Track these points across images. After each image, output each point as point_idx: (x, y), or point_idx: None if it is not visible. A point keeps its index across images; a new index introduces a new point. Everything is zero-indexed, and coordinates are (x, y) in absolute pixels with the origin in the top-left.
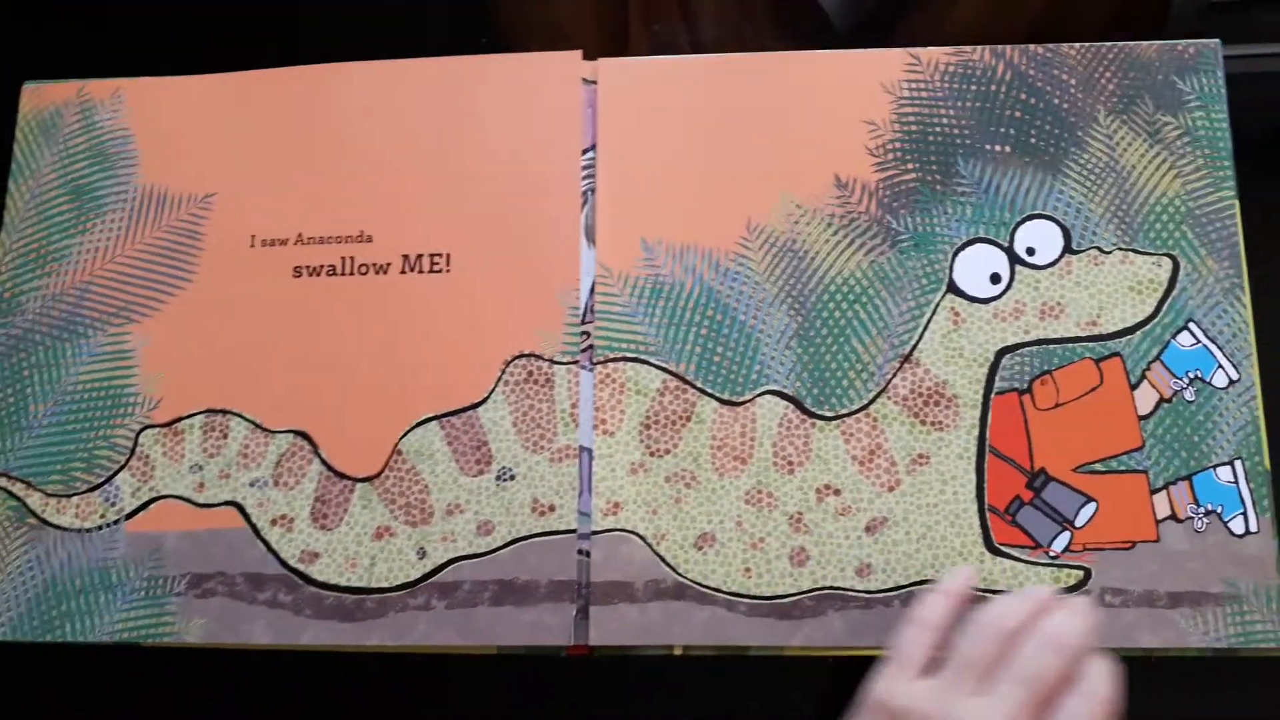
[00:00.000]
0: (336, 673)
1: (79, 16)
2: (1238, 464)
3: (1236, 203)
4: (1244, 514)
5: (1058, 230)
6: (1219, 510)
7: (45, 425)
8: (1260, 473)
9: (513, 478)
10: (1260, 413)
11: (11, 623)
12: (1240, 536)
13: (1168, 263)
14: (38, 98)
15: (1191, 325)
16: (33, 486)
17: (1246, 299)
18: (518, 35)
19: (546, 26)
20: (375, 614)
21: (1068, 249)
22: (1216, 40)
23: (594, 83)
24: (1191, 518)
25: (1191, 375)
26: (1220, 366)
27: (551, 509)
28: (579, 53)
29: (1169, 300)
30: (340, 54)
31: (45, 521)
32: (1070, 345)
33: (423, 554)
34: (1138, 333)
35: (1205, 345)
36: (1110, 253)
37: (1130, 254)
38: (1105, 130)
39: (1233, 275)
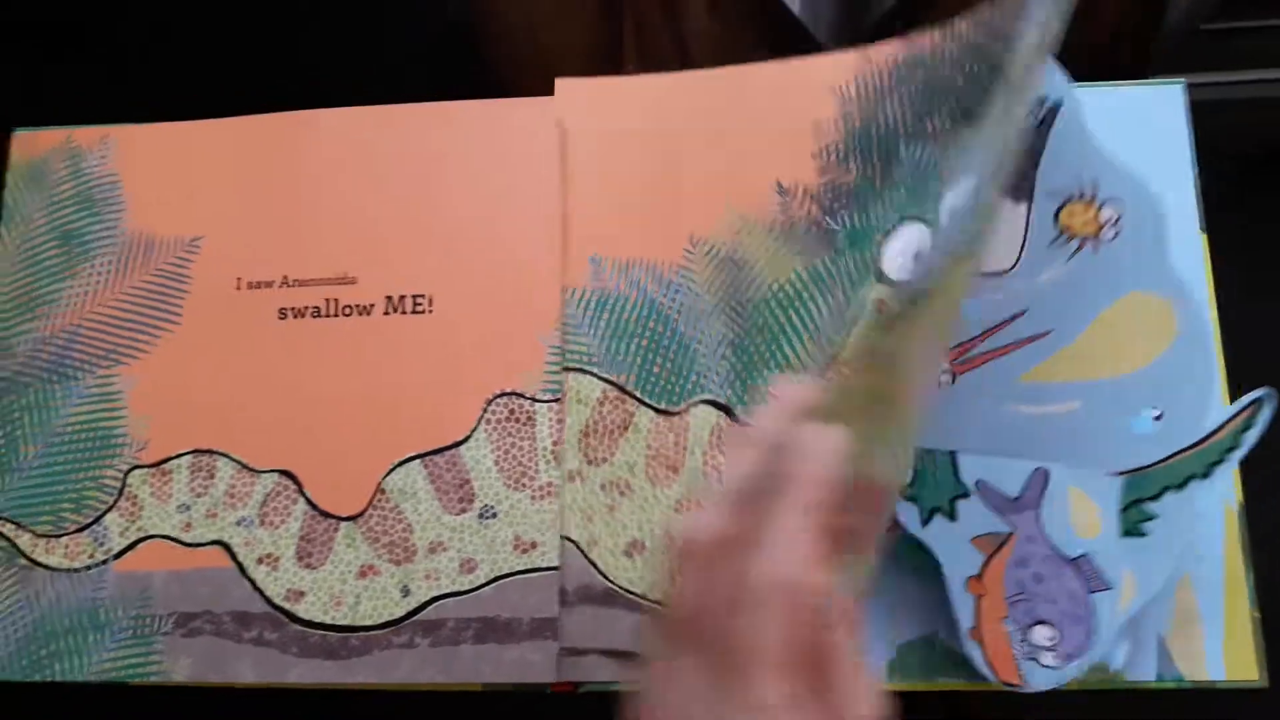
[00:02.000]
0: (322, 710)
1: (68, 63)
2: None
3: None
4: None
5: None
6: None
7: (35, 466)
8: None
9: (494, 516)
10: None
11: (0, 662)
12: None
13: None
14: (27, 145)
15: None
16: (23, 527)
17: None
18: (505, 58)
19: (537, 50)
20: (360, 652)
21: None
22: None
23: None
24: None
25: None
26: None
27: (533, 546)
28: (553, 98)
29: None
30: (332, 100)
31: (35, 562)
32: None
33: (406, 592)
34: None
35: None
36: None
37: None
38: None
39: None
